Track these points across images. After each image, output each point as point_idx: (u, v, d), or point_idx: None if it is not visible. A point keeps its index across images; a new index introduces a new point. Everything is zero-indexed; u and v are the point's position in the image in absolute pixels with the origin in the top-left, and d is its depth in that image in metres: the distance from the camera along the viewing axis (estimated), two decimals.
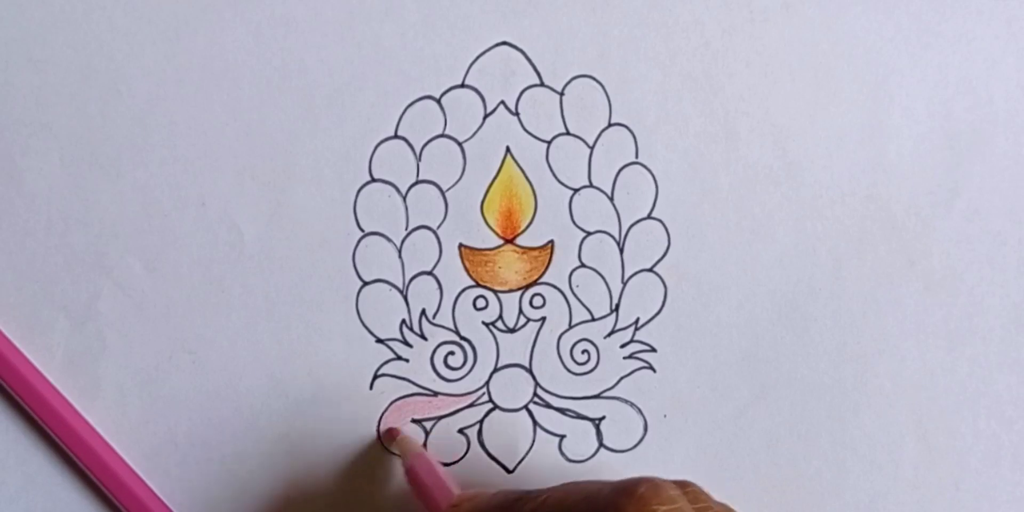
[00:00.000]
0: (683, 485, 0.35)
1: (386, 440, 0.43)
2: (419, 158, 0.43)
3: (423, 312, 0.44)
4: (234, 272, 0.43)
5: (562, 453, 0.44)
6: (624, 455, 0.44)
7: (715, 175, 0.44)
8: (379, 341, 0.43)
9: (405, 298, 0.43)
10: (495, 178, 0.44)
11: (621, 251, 0.44)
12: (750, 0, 0.44)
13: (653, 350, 0.45)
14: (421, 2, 0.43)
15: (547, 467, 0.44)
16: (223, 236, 0.42)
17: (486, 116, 0.44)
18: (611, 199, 0.44)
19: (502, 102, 0.44)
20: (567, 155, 0.44)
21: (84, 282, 0.42)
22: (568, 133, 0.44)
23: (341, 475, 0.43)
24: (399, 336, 0.43)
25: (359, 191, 0.43)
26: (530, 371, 0.44)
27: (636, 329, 0.44)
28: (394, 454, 0.43)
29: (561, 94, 0.44)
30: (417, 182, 0.43)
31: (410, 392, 0.44)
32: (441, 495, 0.40)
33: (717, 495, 0.36)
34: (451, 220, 0.44)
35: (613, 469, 0.44)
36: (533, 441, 0.44)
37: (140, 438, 0.42)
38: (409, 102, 0.43)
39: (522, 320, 0.44)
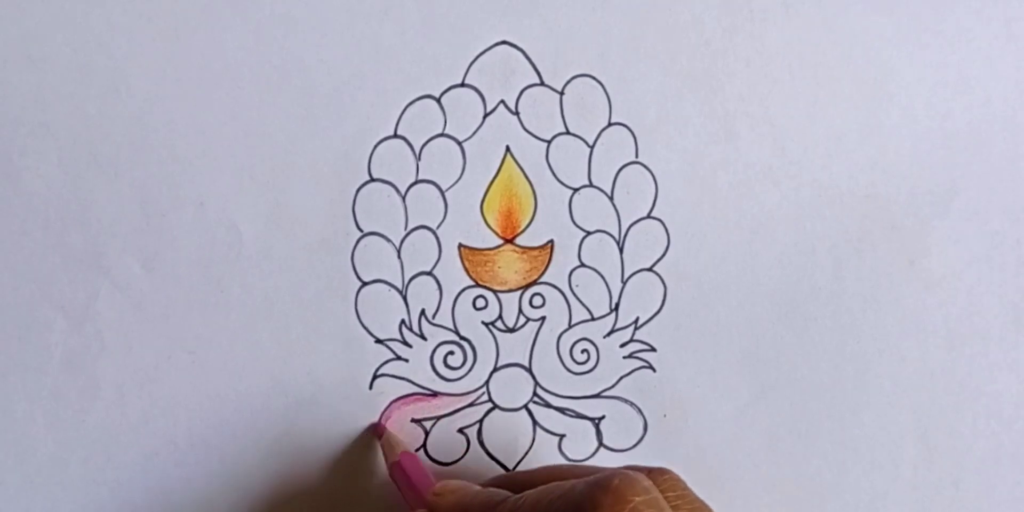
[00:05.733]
0: (661, 472, 0.35)
1: (376, 434, 0.43)
2: (418, 157, 0.43)
3: (423, 312, 0.44)
4: (233, 272, 0.42)
5: (562, 453, 0.44)
6: (624, 455, 0.44)
7: (715, 175, 0.44)
8: (379, 341, 0.43)
9: (404, 298, 0.43)
10: (495, 178, 0.44)
11: (621, 251, 0.44)
12: (750, 0, 0.44)
13: (653, 350, 0.45)
14: (421, 2, 0.43)
15: None
16: (222, 236, 0.42)
17: (486, 115, 0.43)
18: (611, 199, 0.44)
19: (502, 101, 0.44)
20: (567, 154, 0.44)
21: (82, 282, 0.42)
22: (568, 132, 0.44)
23: (341, 475, 0.43)
24: (399, 336, 0.43)
25: (358, 191, 0.43)
26: (530, 371, 0.44)
27: (636, 329, 0.44)
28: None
29: (561, 93, 0.44)
30: (416, 182, 0.43)
31: (410, 392, 0.43)
32: (427, 488, 0.40)
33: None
34: (451, 220, 0.44)
35: None
36: (533, 441, 0.44)
37: (140, 438, 0.42)
38: (409, 101, 0.43)
39: (522, 320, 0.44)
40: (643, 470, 0.34)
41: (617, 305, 0.44)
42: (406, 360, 0.44)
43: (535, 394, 0.44)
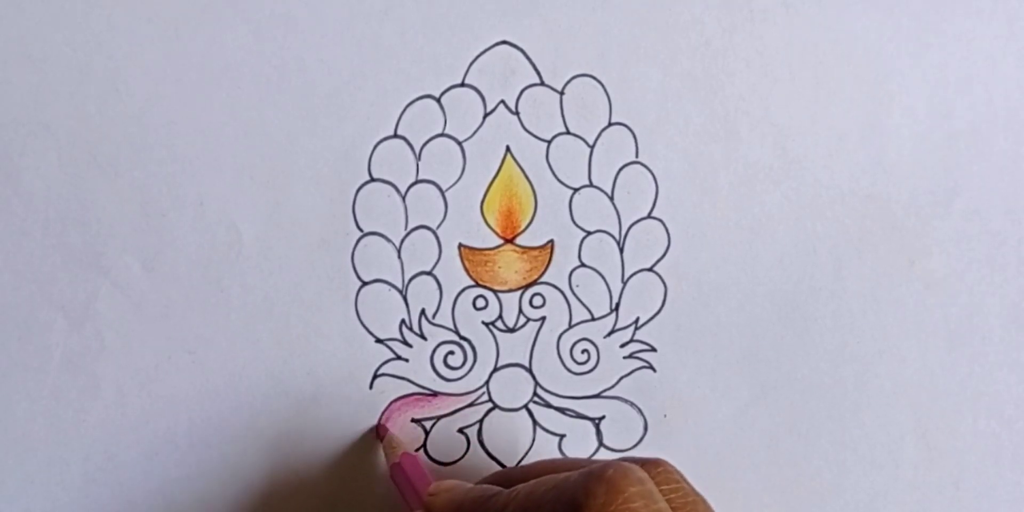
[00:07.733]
0: (656, 464, 0.35)
1: (378, 436, 0.43)
2: (419, 157, 0.43)
3: (423, 312, 0.44)
4: (233, 272, 0.42)
5: (562, 453, 0.44)
6: (624, 455, 0.44)
7: (715, 174, 0.44)
8: (379, 341, 0.43)
9: (404, 298, 0.43)
10: (495, 177, 0.44)
11: (621, 251, 0.44)
12: (750, 0, 0.44)
13: (653, 350, 0.45)
14: (421, 2, 0.43)
15: None
16: (221, 236, 0.42)
17: (486, 115, 0.43)
18: (611, 199, 0.44)
19: (502, 101, 0.44)
20: (567, 154, 0.44)
21: (82, 282, 0.42)
22: (568, 132, 0.44)
23: (341, 475, 0.43)
24: (399, 336, 0.43)
25: (358, 191, 0.43)
26: (530, 371, 0.44)
27: (636, 329, 0.44)
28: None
29: (561, 93, 0.44)
30: (416, 182, 0.43)
31: (410, 392, 0.43)
32: (425, 489, 0.40)
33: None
34: (451, 220, 0.44)
35: None
36: (533, 441, 0.44)
37: (140, 438, 0.42)
38: (409, 101, 0.43)
39: (522, 320, 0.44)
40: (638, 462, 0.34)
41: (617, 305, 0.44)
42: (406, 360, 0.44)
43: (535, 394, 0.44)
